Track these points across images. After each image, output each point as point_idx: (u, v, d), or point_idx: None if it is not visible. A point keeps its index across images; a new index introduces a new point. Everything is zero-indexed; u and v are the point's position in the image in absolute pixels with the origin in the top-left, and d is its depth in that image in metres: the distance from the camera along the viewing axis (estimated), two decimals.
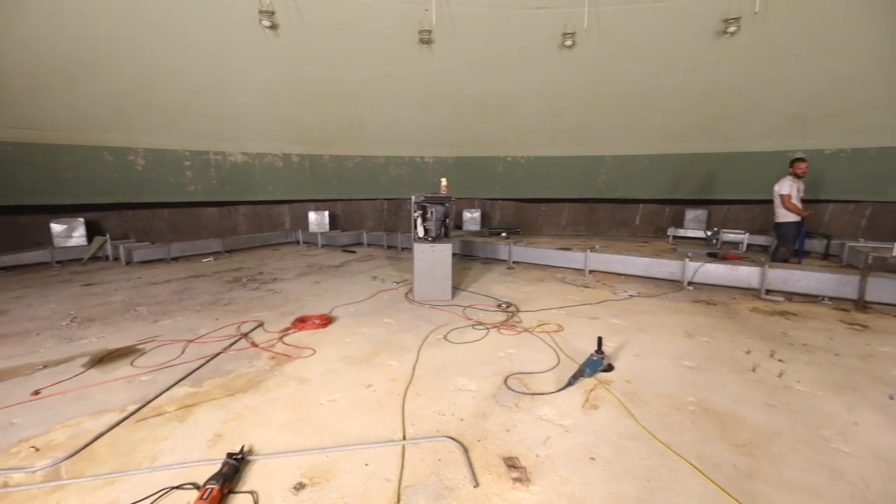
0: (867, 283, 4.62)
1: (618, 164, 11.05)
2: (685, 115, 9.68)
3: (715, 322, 4.29)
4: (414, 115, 10.89)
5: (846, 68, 7.87)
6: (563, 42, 8.90)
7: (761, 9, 7.58)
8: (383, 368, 3.23)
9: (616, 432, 2.41)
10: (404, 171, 11.82)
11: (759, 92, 8.79)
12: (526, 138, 11.25)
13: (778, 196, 6.06)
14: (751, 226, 9.05)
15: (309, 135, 10.87)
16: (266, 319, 4.40)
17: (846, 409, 2.65)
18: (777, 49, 8.11)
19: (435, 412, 2.60)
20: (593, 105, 10.11)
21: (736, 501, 1.88)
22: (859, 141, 8.55)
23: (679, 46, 8.66)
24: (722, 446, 2.28)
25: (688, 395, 2.82)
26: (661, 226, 10.62)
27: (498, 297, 5.25)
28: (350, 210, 11.76)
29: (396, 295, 5.40)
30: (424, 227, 5.11)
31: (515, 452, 2.21)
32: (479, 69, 9.86)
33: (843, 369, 3.20)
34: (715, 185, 10.21)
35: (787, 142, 8.85)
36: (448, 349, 3.62)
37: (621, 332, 3.98)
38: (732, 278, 5.43)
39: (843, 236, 7.86)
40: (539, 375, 3.11)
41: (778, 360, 3.35)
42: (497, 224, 11.86)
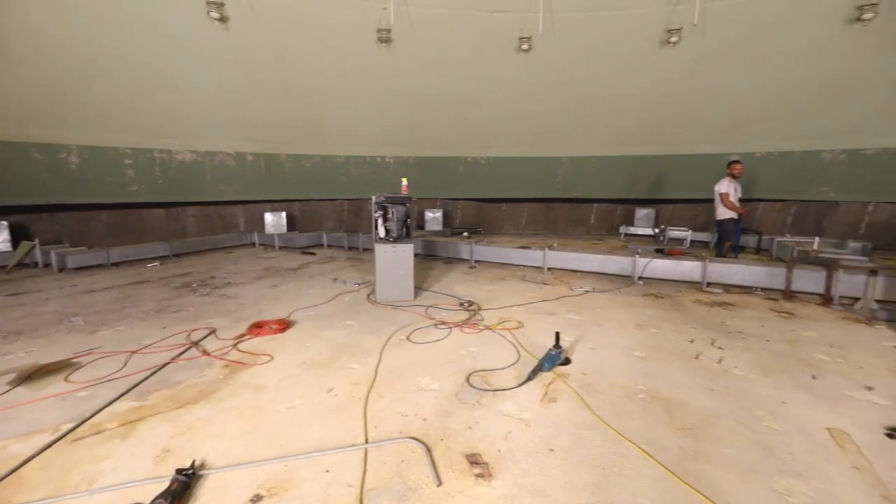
0: (793, 275, 5.08)
1: (574, 165, 11.46)
2: (635, 119, 10.21)
3: (662, 314, 4.56)
4: (374, 115, 10.76)
5: (774, 78, 8.60)
6: (520, 46, 9.11)
7: (699, 21, 8.14)
8: (345, 372, 3.18)
9: (573, 423, 2.50)
10: (365, 170, 11.66)
11: (700, 98, 9.43)
12: (486, 139, 11.42)
13: (718, 195, 6.57)
14: (693, 223, 9.69)
15: (264, 133, 10.47)
16: (219, 326, 4.20)
17: (776, 390, 2.91)
18: (714, 59, 8.73)
19: (398, 413, 2.59)
20: (550, 108, 10.42)
21: (681, 481, 2.01)
22: (785, 145, 9.39)
23: (628, 54, 9.11)
24: (669, 431, 2.43)
25: (638, 384, 2.98)
26: (614, 224, 11.13)
27: (460, 296, 5.31)
28: (309, 211, 11.44)
29: (358, 297, 5.32)
30: (385, 227, 5.07)
31: (478, 449, 2.24)
32: (439, 70, 9.90)
33: (773, 354, 3.51)
34: (662, 186, 10.84)
35: (725, 145, 9.55)
36: (411, 350, 3.61)
37: (578, 327, 4.14)
38: (678, 272, 5.80)
39: (772, 232, 8.60)
40: (500, 372, 3.17)
41: (718, 348, 3.62)
42: (459, 224, 11.95)
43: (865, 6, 7.07)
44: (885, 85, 7.86)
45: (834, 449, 2.28)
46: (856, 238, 7.72)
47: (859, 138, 8.67)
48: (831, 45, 7.83)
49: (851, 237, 7.90)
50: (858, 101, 8.28)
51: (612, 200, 11.35)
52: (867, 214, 8.61)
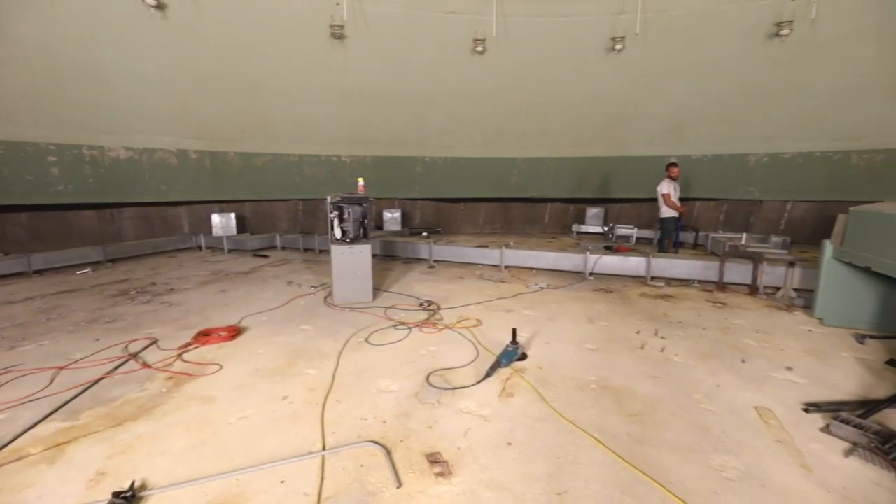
0: (725, 268, 5.54)
1: (528, 166, 11.79)
2: (584, 122, 10.66)
3: (611, 307, 4.81)
4: (329, 113, 10.49)
5: (706, 87, 9.31)
6: (475, 48, 9.24)
7: (641, 30, 8.65)
8: (301, 378, 3.08)
9: (530, 416, 2.59)
10: (320, 170, 11.33)
11: (642, 104, 10.02)
12: (443, 139, 11.47)
13: (660, 195, 7.09)
14: (639, 221, 10.28)
15: (209, 129, 9.89)
16: (161, 336, 3.92)
17: (711, 375, 3.16)
18: (654, 67, 9.31)
19: (357, 417, 2.55)
20: (505, 110, 10.65)
21: (629, 465, 2.14)
22: (717, 148, 10.20)
23: (577, 59, 9.51)
24: (618, 418, 2.58)
25: (590, 375, 3.13)
26: (567, 223, 11.58)
27: (419, 296, 5.30)
28: (261, 211, 10.95)
29: (314, 300, 5.17)
30: (342, 228, 4.97)
31: (438, 447, 2.26)
32: (394, 68, 9.82)
33: (709, 341, 3.81)
34: (609, 186, 11.41)
35: (664, 148, 10.20)
36: (370, 352, 3.57)
37: (533, 323, 4.28)
38: (625, 268, 6.14)
39: (707, 229, 9.33)
40: (460, 370, 3.21)
41: (661, 338, 3.87)
42: (418, 224, 11.93)
43: (783, 23, 7.84)
44: (798, 95, 8.75)
45: (760, 425, 2.51)
46: (777, 233, 8.53)
47: (778, 143, 9.60)
48: (754, 58, 8.60)
49: (774, 233, 8.72)
50: (777, 109, 9.15)
51: (564, 200, 11.80)
52: (786, 212, 9.56)
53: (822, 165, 9.29)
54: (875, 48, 7.70)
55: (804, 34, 7.86)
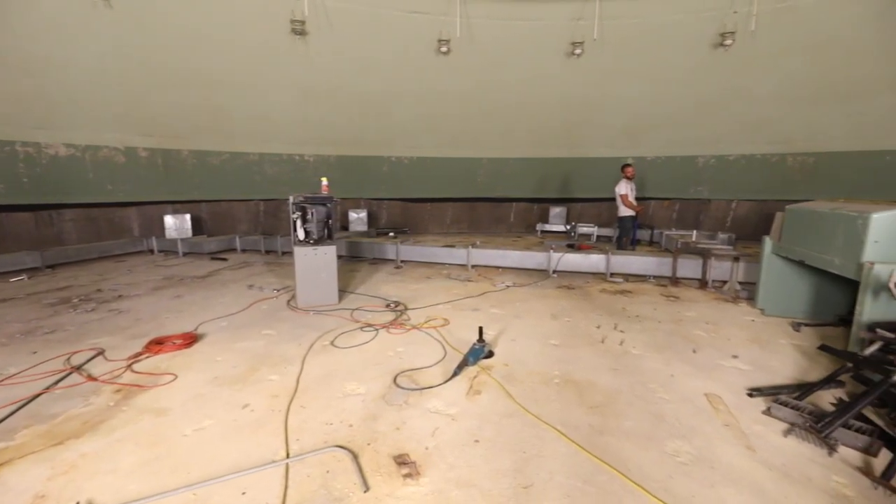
0: (678, 264, 5.86)
1: (493, 166, 11.95)
2: (546, 123, 10.94)
3: (574, 304, 4.97)
4: (290, 110, 10.18)
5: (658, 91, 9.79)
6: (440, 48, 9.26)
7: (599, 36, 8.98)
8: (263, 385, 2.98)
9: (496, 412, 2.63)
10: (282, 169, 10.98)
11: (600, 107, 10.40)
12: (410, 139, 11.42)
13: (618, 196, 7.41)
14: (599, 220, 10.68)
15: (160, 126, 9.35)
16: (109, 346, 3.68)
17: (665, 365, 3.33)
18: (611, 72, 9.69)
19: (322, 422, 2.50)
20: (470, 110, 10.74)
21: (591, 455, 2.22)
22: (669, 150, 10.76)
23: (539, 62, 9.73)
24: (580, 410, 2.67)
25: (554, 370, 3.22)
26: (531, 222, 11.84)
27: (386, 296, 5.26)
28: (219, 212, 10.47)
29: (277, 303, 5.02)
30: (305, 229, 4.85)
31: (406, 449, 2.26)
32: (359, 67, 9.67)
33: (663, 333, 4.01)
34: (571, 186, 11.77)
35: (621, 150, 10.65)
36: (336, 355, 3.50)
37: (500, 320, 4.35)
38: (586, 265, 6.36)
39: (661, 227, 9.82)
40: (428, 370, 3.22)
41: (620, 332, 4.04)
42: (384, 224, 11.82)
43: (726, 34, 8.38)
44: (740, 101, 9.37)
45: (710, 411, 2.68)
46: (724, 230, 9.11)
47: (724, 146, 10.26)
48: (701, 66, 9.13)
49: (721, 230, 9.32)
50: (722, 114, 9.77)
51: (529, 199, 12.05)
52: (731, 210, 10.24)
53: (762, 167, 10.01)
54: (804, 60, 8.37)
55: (745, 45, 8.43)
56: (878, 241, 3.18)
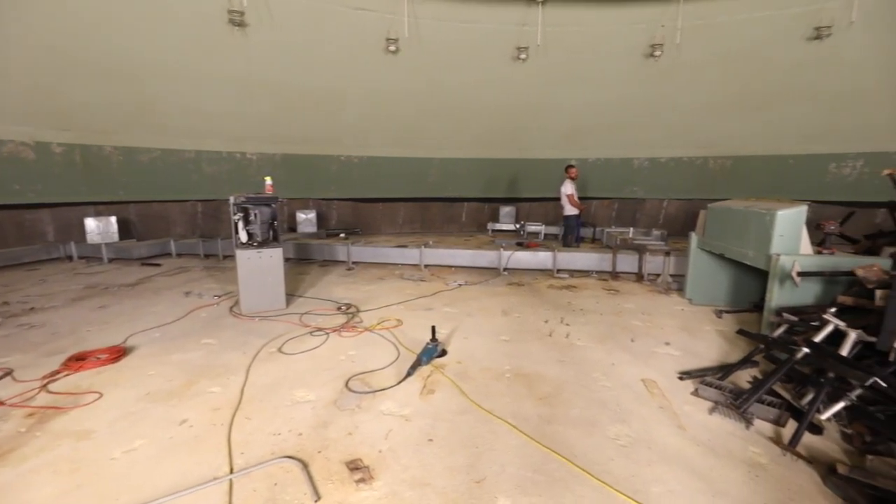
0: (617, 259, 6.25)
1: (445, 166, 12.04)
2: (495, 125, 11.19)
3: (523, 300, 5.14)
4: (230, 106, 9.60)
5: (596, 97, 10.36)
6: (388, 47, 9.17)
7: (542, 42, 9.33)
8: (203, 398, 2.80)
9: (450, 410, 2.66)
10: (222, 168, 10.34)
11: (544, 110, 10.82)
12: (360, 138, 11.21)
13: (564, 195, 7.75)
14: (546, 219, 11.12)
15: (79, 119, 8.45)
16: (18, 365, 3.28)
17: (607, 354, 3.54)
18: (553, 77, 10.11)
19: (269, 433, 2.39)
20: (420, 110, 10.74)
21: (540, 445, 2.31)
22: (608, 153, 11.44)
23: (486, 65, 9.93)
24: (530, 402, 2.77)
25: (505, 365, 3.32)
26: (482, 221, 12.06)
27: (338, 299, 5.14)
28: (150, 214, 9.66)
29: (218, 310, 4.73)
30: (248, 231, 4.61)
31: (358, 453, 2.22)
32: (304, 62, 9.33)
33: (605, 324, 4.26)
34: (520, 186, 12.15)
35: (565, 151, 11.14)
36: (284, 362, 3.37)
37: (452, 319, 4.40)
38: (535, 262, 6.60)
39: (602, 224, 10.42)
40: (381, 372, 3.18)
41: (566, 325, 4.24)
42: (335, 225, 11.50)
43: (656, 45, 9.03)
44: (669, 107, 10.16)
45: (646, 395, 2.89)
46: (657, 227, 9.83)
47: (656, 149, 11.08)
48: (634, 74, 9.79)
49: (654, 226, 10.04)
50: (653, 120, 10.53)
51: (480, 199, 12.28)
52: (663, 209, 11.08)
53: (689, 169, 10.93)
54: (722, 72, 9.24)
55: (672, 56, 9.14)
56: (783, 236, 3.59)
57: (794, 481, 2.06)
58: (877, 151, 8.70)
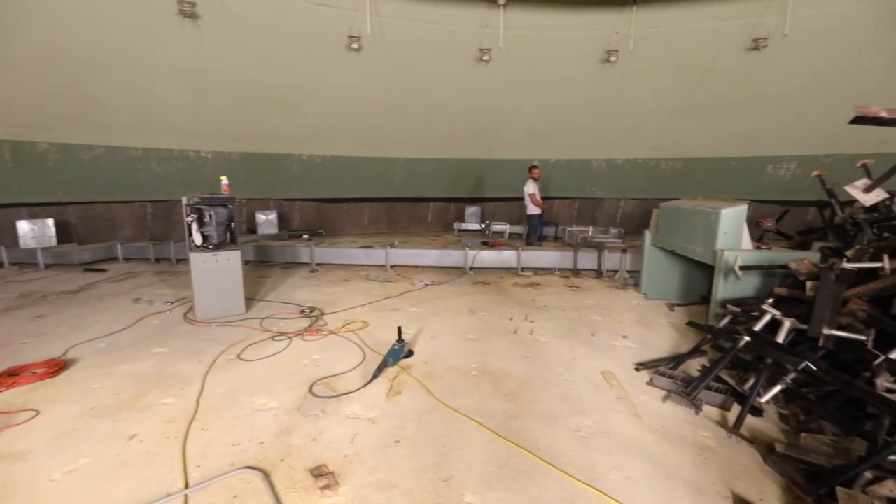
0: (578, 257, 6.47)
1: (410, 166, 11.99)
2: (459, 125, 11.27)
3: (489, 298, 5.21)
4: (182, 101, 9.10)
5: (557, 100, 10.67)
6: (350, 45, 9.02)
7: (504, 45, 9.50)
8: (154, 410, 2.65)
9: (417, 411, 2.66)
10: (174, 167, 9.78)
11: (507, 111, 11.02)
12: (322, 137, 10.94)
13: (527, 195, 7.93)
14: (510, 218, 11.32)
15: (8, 113, 7.74)
16: None
17: (569, 349, 3.66)
18: (516, 79, 10.31)
19: (228, 444, 2.30)
20: (384, 109, 10.63)
21: (506, 440, 2.36)
22: (568, 154, 11.80)
23: (451, 66, 9.98)
24: (496, 399, 2.82)
25: (472, 364, 3.35)
26: (449, 221, 12.12)
27: (301, 302, 5.00)
28: (93, 216, 9.00)
29: (171, 317, 4.48)
30: (202, 233, 4.39)
31: (323, 459, 2.18)
32: (261, 58, 9.00)
33: (567, 320, 4.40)
34: (484, 186, 12.31)
35: (528, 152, 11.40)
36: (243, 369, 3.24)
37: (419, 319, 4.39)
38: (500, 261, 6.71)
39: (564, 223, 10.74)
40: (346, 375, 3.13)
41: (530, 322, 4.34)
42: (297, 226, 11.18)
43: (611, 51, 9.42)
44: (625, 111, 10.62)
45: (605, 387, 3.01)
46: (615, 225, 10.25)
47: (613, 151, 11.55)
48: (592, 78, 10.16)
49: (612, 225, 10.46)
50: (610, 123, 10.98)
51: (446, 199, 12.33)
52: (620, 208, 11.59)
53: (643, 170, 11.47)
54: (672, 79, 9.77)
55: (627, 62, 9.57)
56: (727, 233, 3.84)
57: (739, 461, 2.22)
58: (807, 154, 9.49)
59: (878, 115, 2.02)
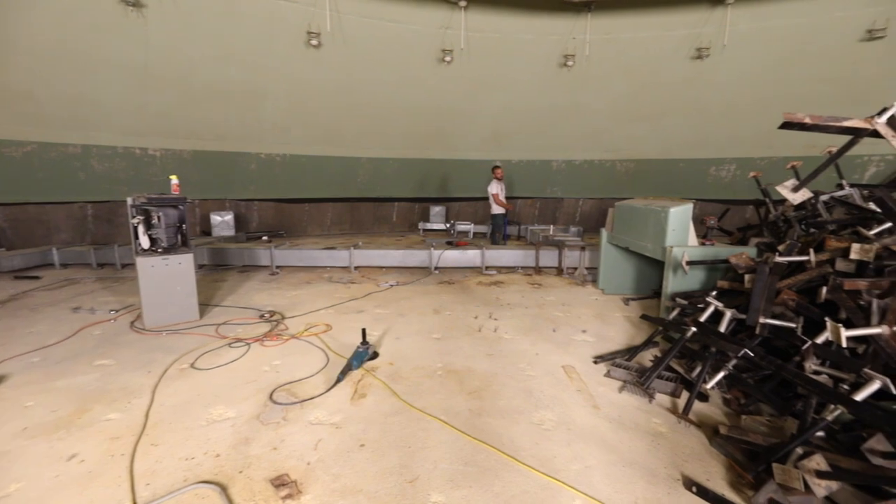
0: (539, 255, 6.65)
1: (373, 166, 11.84)
2: (423, 125, 11.26)
3: (454, 297, 5.25)
4: (126, 95, 8.50)
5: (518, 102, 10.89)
6: (309, 41, 8.78)
7: (466, 46, 9.59)
8: (97, 427, 2.47)
9: (382, 413, 2.64)
10: (117, 165, 9.13)
11: (470, 112, 11.12)
12: (281, 135, 10.58)
13: (491, 195, 8.05)
14: (475, 217, 11.47)
15: None
16: None
17: (532, 345, 3.76)
18: (478, 81, 10.43)
19: (181, 458, 2.18)
20: (346, 108, 10.43)
21: (471, 438, 2.39)
22: (530, 155, 12.09)
23: (413, 65, 9.94)
24: (461, 398, 2.85)
25: (437, 363, 3.37)
26: (413, 221, 12.09)
27: (260, 306, 4.83)
28: (24, 219, 8.24)
29: (116, 326, 4.19)
30: (150, 236, 4.14)
31: (285, 468, 2.12)
32: (214, 52, 8.57)
33: (530, 317, 4.51)
34: (449, 186, 12.37)
35: (491, 153, 11.58)
36: (198, 378, 3.09)
37: (384, 320, 4.36)
38: (464, 260, 6.78)
39: (526, 222, 11.02)
40: (309, 380, 3.06)
41: (494, 320, 4.42)
42: (256, 227, 10.76)
43: (568, 56, 9.73)
44: (582, 114, 11.01)
45: (566, 380, 3.12)
46: (574, 224, 10.62)
47: (571, 152, 11.95)
48: (550, 82, 10.45)
49: (572, 223, 10.84)
50: (568, 125, 11.34)
51: (410, 199, 12.28)
52: (579, 207, 12.02)
53: (600, 170, 11.95)
54: (625, 84, 10.23)
55: (583, 67, 9.91)
56: (675, 230, 4.08)
57: (688, 445, 2.37)
58: (746, 157, 10.24)
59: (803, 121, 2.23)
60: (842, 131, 2.31)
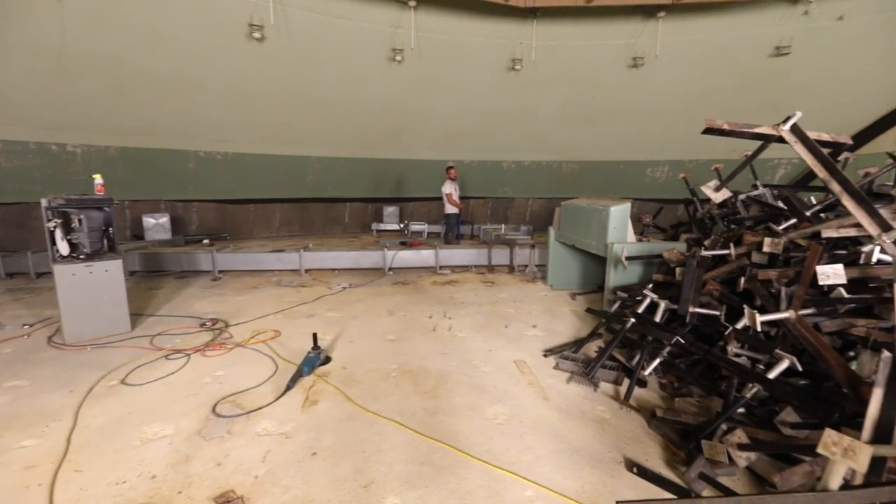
0: (492, 253, 6.79)
1: (323, 166, 11.50)
2: (375, 125, 11.09)
3: (408, 298, 5.24)
4: (37, 84, 7.63)
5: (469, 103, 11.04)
6: (251, 33, 8.34)
7: (416, 46, 9.57)
8: (9, 457, 2.21)
9: (335, 419, 2.58)
10: (29, 163, 8.17)
11: (422, 112, 11.12)
12: (222, 132, 9.96)
13: (444, 195, 8.12)
14: (428, 218, 11.50)
15: None
16: None
17: (485, 342, 3.84)
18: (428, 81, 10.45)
19: (111, 484, 2.00)
20: (293, 105, 10.03)
21: (426, 437, 2.40)
22: (481, 156, 12.32)
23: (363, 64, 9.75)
24: (416, 398, 2.85)
25: (392, 364, 3.35)
26: (366, 222, 11.90)
27: (201, 314, 4.53)
28: None
29: (30, 343, 3.76)
30: (70, 241, 3.76)
31: (230, 484, 2.01)
32: (142, 40, 7.90)
33: (483, 315, 4.60)
34: (402, 186, 12.29)
35: (444, 153, 11.64)
36: (129, 395, 2.84)
37: (337, 323, 4.26)
38: (418, 260, 6.78)
39: (479, 222, 11.22)
40: (256, 390, 2.92)
41: (448, 318, 4.46)
42: (196, 230, 10.08)
43: (516, 60, 10.02)
44: (529, 116, 11.38)
45: (518, 375, 3.21)
46: (524, 223, 10.99)
47: (520, 154, 12.32)
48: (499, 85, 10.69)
49: (522, 223, 11.20)
50: (517, 127, 11.67)
51: (363, 199, 12.06)
52: (529, 206, 12.43)
53: (548, 171, 12.43)
54: (569, 88, 10.72)
55: (529, 71, 10.24)
56: (615, 227, 4.34)
57: (629, 429, 2.53)
58: (677, 159, 11.10)
59: (722, 127, 2.46)
60: (754, 137, 2.57)
